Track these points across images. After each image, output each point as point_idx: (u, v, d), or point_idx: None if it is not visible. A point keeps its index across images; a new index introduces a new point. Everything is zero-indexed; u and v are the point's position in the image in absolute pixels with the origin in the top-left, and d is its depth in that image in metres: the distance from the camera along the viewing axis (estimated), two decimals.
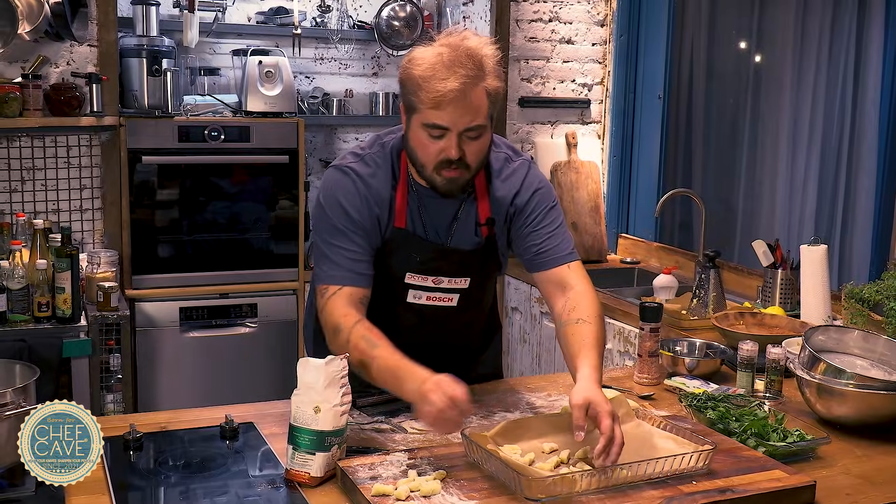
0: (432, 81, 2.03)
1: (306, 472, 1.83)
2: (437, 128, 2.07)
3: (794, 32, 5.55)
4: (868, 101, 5.64)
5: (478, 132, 2.09)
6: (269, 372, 4.25)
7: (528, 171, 2.31)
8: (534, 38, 4.76)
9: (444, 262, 2.27)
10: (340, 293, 2.14)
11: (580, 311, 2.14)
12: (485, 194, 2.26)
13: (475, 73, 2.04)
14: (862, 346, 2.39)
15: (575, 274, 2.24)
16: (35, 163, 4.03)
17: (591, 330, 2.09)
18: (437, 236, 2.26)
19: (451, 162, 2.09)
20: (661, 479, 1.80)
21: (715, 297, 3.37)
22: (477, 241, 2.28)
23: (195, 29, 4.23)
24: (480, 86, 2.05)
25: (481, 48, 2.08)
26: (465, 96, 2.03)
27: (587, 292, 2.20)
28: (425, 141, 2.10)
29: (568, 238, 2.29)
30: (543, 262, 2.25)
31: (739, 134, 5.61)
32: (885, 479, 1.96)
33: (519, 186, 2.28)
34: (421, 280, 2.28)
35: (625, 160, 4.94)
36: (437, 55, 2.05)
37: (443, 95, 2.02)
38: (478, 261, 2.30)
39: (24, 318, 3.48)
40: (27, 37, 3.73)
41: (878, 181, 5.60)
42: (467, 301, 2.33)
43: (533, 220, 2.26)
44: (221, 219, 4.26)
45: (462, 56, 2.04)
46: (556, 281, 2.24)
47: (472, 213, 2.27)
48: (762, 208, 5.68)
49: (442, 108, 2.04)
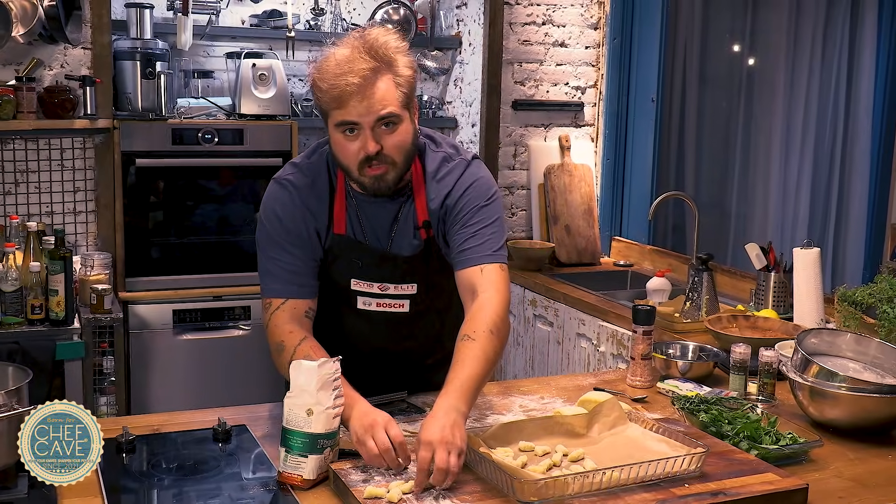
0: (332, 79, 2.01)
1: (299, 474, 1.83)
2: (347, 124, 2.04)
3: (786, 36, 5.57)
4: (861, 104, 5.66)
5: (390, 121, 2.05)
6: (262, 374, 4.24)
7: (464, 169, 2.22)
8: (527, 41, 4.76)
9: (385, 267, 2.24)
10: (283, 308, 2.15)
11: (470, 326, 2.04)
12: (421, 196, 2.21)
13: (374, 64, 2.01)
14: (854, 349, 2.40)
15: (486, 279, 2.12)
16: (29, 165, 4.02)
17: (472, 347, 1.99)
18: (378, 241, 2.23)
19: (372, 158, 2.05)
20: (654, 481, 1.80)
21: (708, 300, 3.37)
22: (416, 245, 2.22)
23: (189, 32, 4.22)
24: (385, 76, 2.03)
25: (384, 40, 2.05)
26: (365, 88, 2.00)
27: (488, 302, 2.07)
28: (343, 142, 2.07)
29: (494, 238, 2.17)
30: (458, 261, 2.17)
31: (732, 137, 5.63)
32: (877, 482, 1.97)
33: (451, 186, 2.19)
34: (367, 287, 2.25)
35: (618, 163, 4.95)
36: (335, 54, 2.05)
37: (342, 90, 2.00)
38: (420, 265, 2.24)
39: (17, 320, 3.47)
40: (21, 39, 3.73)
41: (870, 184, 5.61)
42: (420, 307, 2.29)
43: (460, 218, 2.17)
44: (215, 221, 4.26)
45: (358, 50, 2.02)
46: (466, 284, 2.14)
47: (410, 216, 2.22)
48: (755, 211, 5.70)
49: (346, 105, 2.01)
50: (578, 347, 3.92)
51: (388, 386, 2.30)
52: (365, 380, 2.10)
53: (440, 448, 1.76)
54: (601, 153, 4.95)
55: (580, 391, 2.35)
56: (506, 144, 4.78)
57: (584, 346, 3.87)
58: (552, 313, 4.11)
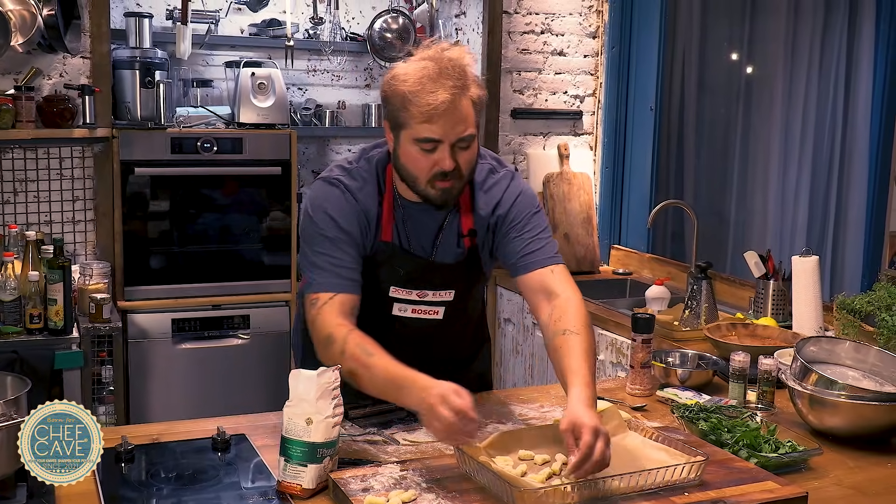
0: (422, 95, 2.03)
1: (298, 483, 1.83)
2: (429, 141, 2.07)
3: (784, 44, 5.58)
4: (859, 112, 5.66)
5: (468, 142, 2.10)
6: (262, 383, 4.24)
7: (510, 181, 2.30)
8: (526, 50, 4.77)
9: (428, 275, 2.27)
10: (332, 302, 2.13)
11: (567, 322, 2.09)
12: (468, 206, 2.26)
13: (461, 83, 2.05)
14: (853, 356, 2.40)
15: (559, 279, 2.20)
16: (28, 174, 4.02)
17: (580, 341, 2.04)
18: (422, 250, 2.26)
19: (446, 174, 2.10)
20: (653, 490, 1.80)
21: (707, 308, 3.37)
22: (459, 253, 2.27)
23: (188, 41, 4.23)
24: (467, 95, 2.07)
25: (462, 58, 2.09)
26: (455, 107, 2.04)
27: (572, 299, 2.16)
28: (417, 156, 2.10)
29: (552, 243, 2.26)
30: (525, 265, 2.23)
31: (731, 145, 5.63)
32: (877, 491, 1.96)
33: (500, 197, 2.27)
34: (405, 294, 2.28)
35: (617, 171, 4.95)
36: (422, 69, 2.06)
37: (434, 108, 2.02)
38: (461, 273, 2.29)
39: (16, 329, 3.47)
40: (20, 48, 3.73)
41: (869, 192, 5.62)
42: (453, 313, 2.33)
43: (515, 225, 2.25)
44: (214, 230, 4.26)
45: (447, 67, 2.05)
46: (539, 286, 2.20)
47: (454, 224, 2.27)
48: (754, 219, 5.70)
49: (434, 122, 2.04)
50: None
51: None
52: None
53: (600, 438, 1.77)
54: (600, 161, 4.95)
55: None
56: (505, 153, 4.78)
57: None
58: None
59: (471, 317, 2.45)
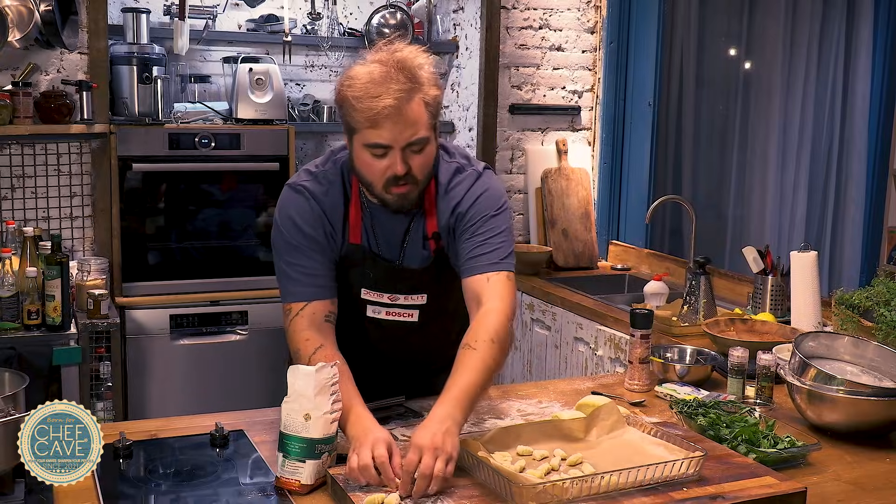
0: (365, 100, 1.99)
1: (296, 479, 1.82)
2: (378, 146, 2.03)
3: (783, 39, 5.58)
4: (857, 107, 5.67)
5: (420, 145, 2.05)
6: (260, 379, 4.23)
7: (475, 180, 2.21)
8: (524, 46, 4.77)
9: (397, 280, 2.24)
10: (303, 313, 2.13)
11: (471, 335, 2.02)
12: (432, 208, 2.20)
13: (408, 85, 2.00)
14: (852, 352, 2.40)
15: (492, 288, 2.10)
16: (25, 170, 4.02)
17: (472, 357, 1.97)
18: (390, 252, 2.23)
19: (399, 178, 2.05)
20: (652, 485, 1.80)
21: (705, 304, 3.37)
22: (426, 257, 2.23)
23: (185, 36, 4.22)
24: (416, 97, 2.01)
25: (413, 58, 2.04)
26: (400, 111, 1.99)
27: (491, 312, 2.06)
28: (369, 160, 2.06)
29: (502, 248, 2.15)
30: (465, 270, 2.16)
31: (729, 141, 5.63)
32: (875, 486, 1.97)
33: (461, 197, 2.19)
34: (377, 297, 2.26)
35: (615, 167, 4.95)
36: (367, 73, 2.02)
37: (377, 113, 1.98)
38: (430, 277, 2.25)
39: (13, 325, 3.47)
40: (17, 44, 3.72)
41: (867, 187, 5.63)
42: (429, 315, 2.29)
43: (469, 227, 2.17)
44: (212, 226, 4.25)
45: (392, 70, 2.00)
46: (472, 293, 2.13)
47: (420, 227, 2.22)
48: (752, 215, 5.70)
49: (379, 126, 2.00)
50: (576, 351, 3.91)
51: (390, 390, 2.29)
52: (368, 384, 2.10)
53: (427, 453, 1.75)
54: (598, 157, 4.95)
55: (578, 395, 2.35)
56: (503, 149, 4.78)
57: (582, 349, 3.87)
58: (550, 317, 4.11)
59: (454, 315, 2.33)
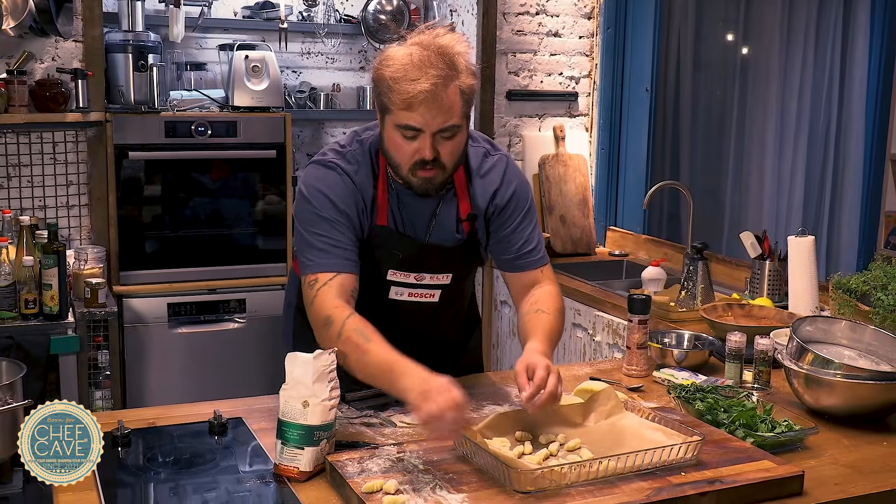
0: (402, 82, 2.00)
1: (295, 466, 1.83)
2: (410, 129, 2.04)
3: (780, 25, 5.57)
4: (854, 92, 5.67)
5: (452, 132, 2.06)
6: (258, 367, 4.24)
7: (506, 166, 2.29)
8: (521, 32, 4.75)
9: (425, 258, 2.25)
10: (331, 284, 2.10)
11: (542, 304, 2.22)
12: (465, 191, 2.24)
13: (446, 72, 2.00)
14: (849, 336, 2.40)
15: (546, 277, 2.32)
16: (21, 159, 4.01)
17: (548, 319, 2.18)
18: (416, 234, 2.24)
19: (427, 162, 2.07)
20: (650, 470, 1.80)
21: (703, 289, 3.37)
22: (458, 238, 2.26)
23: (181, 24, 4.21)
24: (453, 84, 2.02)
25: (453, 46, 2.04)
26: (436, 97, 2.00)
27: (554, 291, 2.29)
28: (399, 142, 2.07)
29: (541, 239, 2.34)
30: (521, 265, 2.31)
31: (727, 126, 5.63)
32: (872, 469, 1.97)
33: (499, 183, 2.26)
34: (403, 277, 2.26)
35: (612, 153, 4.95)
36: (407, 55, 2.02)
37: (413, 96, 1.99)
38: (459, 256, 2.28)
39: (11, 315, 3.47)
40: (12, 32, 3.71)
41: (864, 172, 5.63)
42: (449, 296, 2.32)
43: (513, 222, 2.28)
44: (209, 214, 4.25)
45: (432, 55, 2.01)
46: (529, 283, 2.31)
47: (451, 210, 2.24)
48: (750, 200, 5.71)
49: (413, 109, 2.01)
50: (574, 337, 3.92)
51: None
52: None
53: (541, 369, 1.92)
54: (595, 143, 4.94)
55: (576, 381, 2.35)
56: (500, 135, 4.77)
57: (580, 335, 3.87)
58: None
59: (464, 295, 2.44)
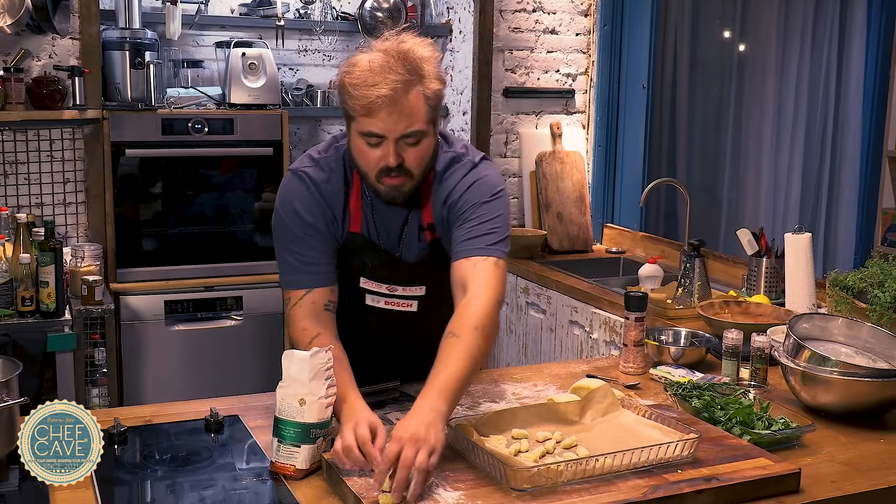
0: (361, 88, 1.97)
1: (292, 464, 1.83)
2: (373, 135, 2.01)
3: (777, 22, 5.57)
4: (851, 89, 5.67)
5: (416, 138, 2.03)
6: (255, 364, 4.24)
7: (468, 170, 2.18)
8: (517, 29, 4.75)
9: (395, 272, 2.24)
10: (303, 302, 2.13)
11: (455, 323, 1.99)
12: (427, 199, 2.19)
13: (407, 77, 1.97)
14: (846, 333, 2.40)
15: (478, 274, 2.05)
16: (18, 156, 4.00)
17: (456, 345, 1.94)
18: (390, 244, 2.22)
19: (392, 169, 2.04)
20: (647, 467, 1.80)
21: (700, 286, 3.38)
22: (422, 248, 2.22)
23: (178, 21, 4.20)
24: (415, 90, 1.98)
25: (416, 50, 2.01)
26: (395, 102, 1.96)
27: (476, 299, 2.01)
28: (364, 149, 2.05)
29: (492, 234, 2.11)
30: (455, 253, 2.12)
31: (724, 123, 5.63)
32: (869, 466, 1.97)
33: (453, 186, 2.16)
34: (376, 286, 2.25)
35: (609, 150, 4.95)
36: (368, 61, 1.99)
37: (372, 101, 1.96)
38: (427, 269, 2.24)
39: (7, 312, 3.46)
40: (8, 30, 3.71)
41: (861, 169, 5.63)
42: (428, 304, 2.28)
43: (460, 215, 2.14)
44: (206, 211, 4.25)
45: (392, 60, 1.98)
46: (458, 279, 2.08)
47: (417, 219, 2.21)
48: (747, 197, 5.71)
49: (374, 115, 1.98)
50: (571, 335, 3.92)
51: (389, 376, 2.29)
52: (367, 370, 2.12)
53: (409, 445, 1.71)
54: (592, 140, 4.94)
55: (573, 378, 2.35)
56: (497, 132, 4.77)
57: (577, 333, 3.87)
58: (545, 301, 4.11)
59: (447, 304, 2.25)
